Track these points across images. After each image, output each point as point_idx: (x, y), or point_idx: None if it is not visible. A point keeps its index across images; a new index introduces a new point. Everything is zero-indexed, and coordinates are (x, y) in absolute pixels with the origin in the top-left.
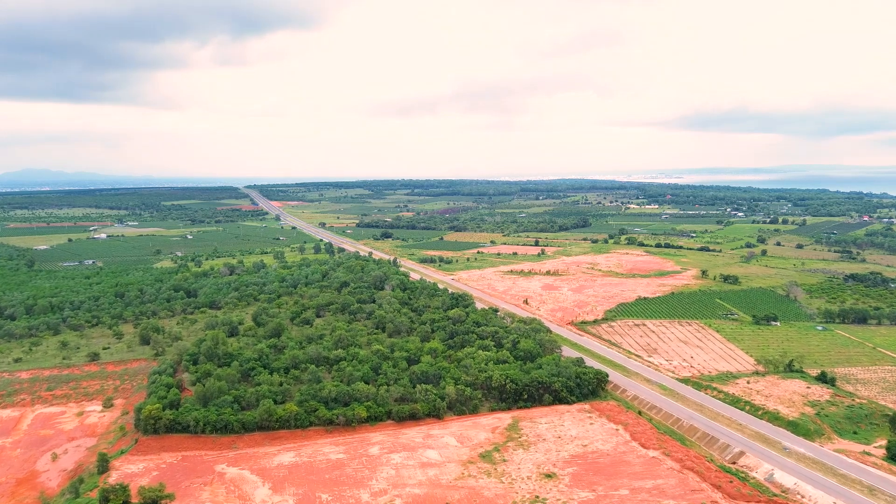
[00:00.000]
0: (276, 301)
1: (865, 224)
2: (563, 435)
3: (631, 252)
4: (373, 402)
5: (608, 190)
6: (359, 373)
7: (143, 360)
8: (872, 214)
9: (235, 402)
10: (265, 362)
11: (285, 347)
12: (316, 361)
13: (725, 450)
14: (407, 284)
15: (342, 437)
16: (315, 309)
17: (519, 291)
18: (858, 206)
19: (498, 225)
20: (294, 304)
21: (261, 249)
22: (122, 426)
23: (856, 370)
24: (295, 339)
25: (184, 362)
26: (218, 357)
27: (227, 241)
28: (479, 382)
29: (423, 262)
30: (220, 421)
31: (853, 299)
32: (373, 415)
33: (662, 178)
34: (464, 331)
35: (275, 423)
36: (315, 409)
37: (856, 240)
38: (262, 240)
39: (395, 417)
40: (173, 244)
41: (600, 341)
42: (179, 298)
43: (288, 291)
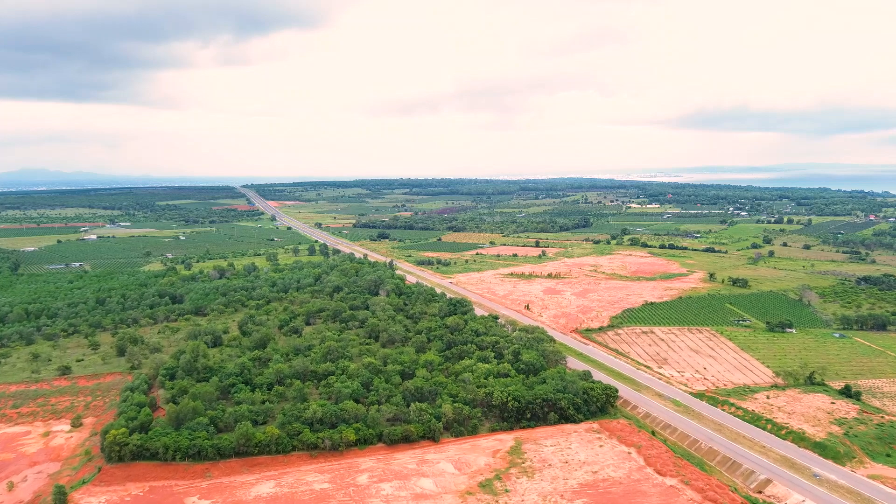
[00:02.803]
0: (265, 308)
1: (872, 223)
2: (571, 460)
3: (634, 253)
4: (362, 423)
5: (608, 189)
6: (348, 389)
7: (118, 373)
8: (878, 214)
9: (211, 423)
10: (247, 378)
11: (270, 360)
12: (302, 376)
13: (749, 476)
14: (403, 289)
15: (328, 462)
16: (305, 316)
17: (520, 296)
18: (862, 206)
19: (497, 225)
20: (283, 310)
21: (254, 251)
22: (88, 450)
23: (881, 382)
24: (281, 351)
25: (160, 377)
26: (197, 371)
27: (220, 243)
28: (478, 399)
29: (420, 264)
30: (193, 447)
31: (869, 304)
32: (362, 437)
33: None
34: (462, 340)
35: (253, 449)
36: (298, 433)
37: (864, 240)
38: (257, 241)
39: (386, 440)
40: (165, 245)
41: (607, 350)
42: (164, 305)
43: (278, 297)
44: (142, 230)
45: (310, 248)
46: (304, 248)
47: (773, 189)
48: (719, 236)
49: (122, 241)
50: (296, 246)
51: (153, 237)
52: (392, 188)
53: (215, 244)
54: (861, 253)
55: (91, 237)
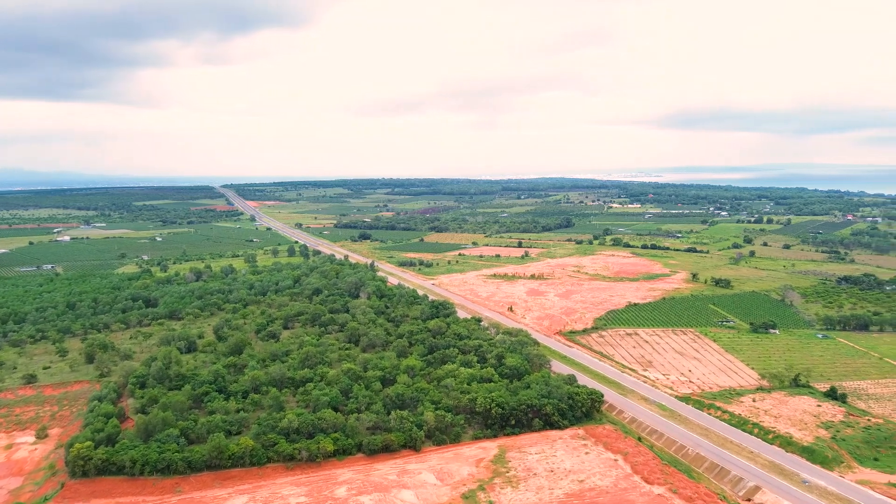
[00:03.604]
0: (242, 311)
1: (850, 223)
2: (556, 468)
3: (617, 254)
4: (341, 432)
5: (590, 189)
6: (326, 397)
7: (87, 381)
8: (856, 213)
9: (182, 435)
10: (221, 385)
11: (246, 366)
12: (279, 383)
13: (738, 483)
14: (384, 291)
15: (305, 474)
16: (283, 320)
17: (503, 297)
18: (840, 205)
19: (480, 225)
20: (261, 314)
21: (232, 252)
22: (52, 463)
23: (865, 384)
24: (258, 357)
25: (130, 385)
26: (169, 379)
27: (198, 244)
28: (461, 406)
29: (402, 265)
30: (163, 460)
31: (850, 304)
32: (341, 447)
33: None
34: (444, 344)
35: (227, 461)
36: (274, 443)
37: (842, 240)
38: (235, 242)
39: (366, 450)
40: (140, 247)
41: (591, 353)
42: (137, 309)
43: (256, 300)
44: (117, 231)
45: (289, 249)
46: (283, 250)
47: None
48: (700, 236)
49: (97, 242)
50: (275, 247)
51: (129, 238)
52: (374, 188)
53: (193, 245)
54: (840, 252)
55: (64, 238)
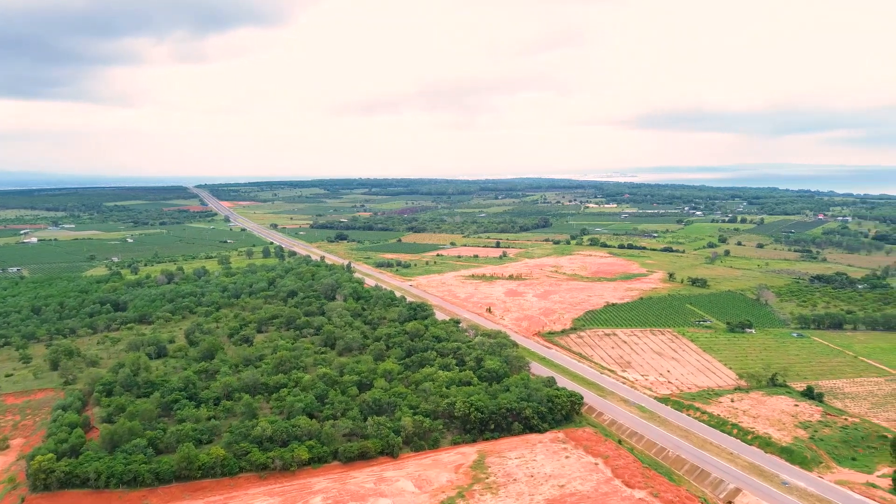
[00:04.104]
0: (215, 315)
1: (821, 223)
2: (537, 473)
3: (594, 254)
4: (316, 439)
5: (566, 189)
6: (301, 403)
7: (51, 389)
8: (826, 213)
9: (150, 445)
10: (192, 392)
11: (218, 372)
12: (252, 389)
13: (719, 486)
14: (361, 293)
15: (279, 483)
16: (257, 323)
17: (481, 298)
18: (810, 205)
19: (458, 225)
20: (234, 317)
21: (206, 254)
22: (13, 476)
23: (841, 383)
24: (230, 362)
25: (95, 393)
26: (137, 386)
27: (170, 245)
28: (439, 411)
29: (379, 266)
30: (129, 472)
31: (823, 302)
32: (316, 455)
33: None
34: (422, 347)
35: (196, 472)
36: (246, 452)
37: (814, 239)
38: (209, 243)
39: (342, 457)
40: (111, 249)
41: (570, 354)
42: (105, 313)
43: (229, 303)
44: (87, 232)
45: (264, 250)
46: (258, 251)
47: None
48: (676, 236)
49: (65, 244)
50: (250, 248)
51: (99, 240)
52: (351, 188)
53: (165, 247)
54: (812, 251)
55: (31, 240)
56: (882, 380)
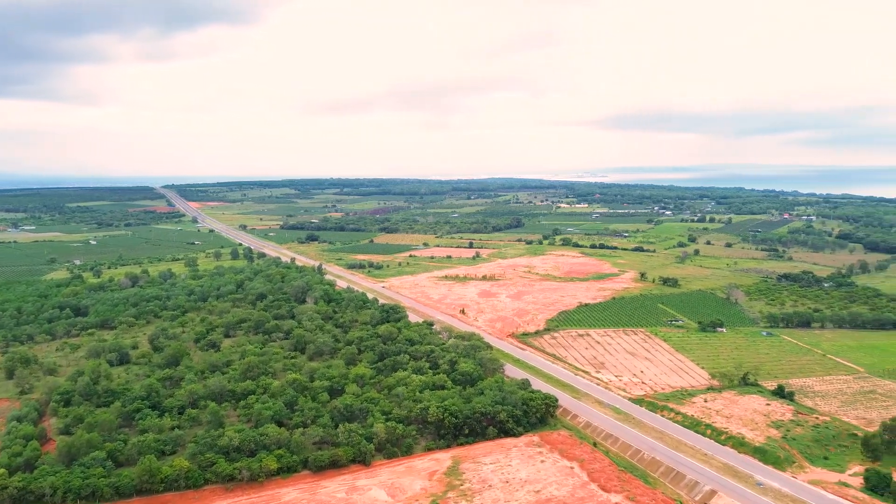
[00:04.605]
0: (181, 319)
1: (786, 222)
2: (512, 478)
3: (567, 254)
4: (285, 448)
5: (538, 189)
6: (269, 411)
7: (6, 399)
8: (791, 212)
9: (110, 458)
10: (155, 401)
11: (183, 379)
12: (219, 397)
13: (694, 488)
14: (332, 295)
15: (246, 495)
16: (225, 328)
17: (455, 299)
18: (776, 204)
19: (430, 226)
20: (201, 322)
21: (172, 256)
22: None
23: (811, 381)
24: (196, 368)
25: (53, 403)
26: (97, 395)
27: (135, 247)
28: (413, 416)
29: (351, 267)
30: (87, 486)
31: (791, 301)
32: (285, 465)
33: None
34: (395, 351)
35: (159, 485)
36: (212, 463)
37: (780, 238)
38: (176, 245)
39: (312, 466)
40: (73, 251)
41: (544, 356)
42: (65, 318)
43: (196, 306)
44: (48, 234)
45: (233, 251)
46: (226, 252)
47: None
48: (647, 235)
49: (25, 246)
50: (218, 250)
51: (60, 242)
52: (322, 188)
53: (129, 249)
54: (779, 250)
55: None
56: (850, 378)
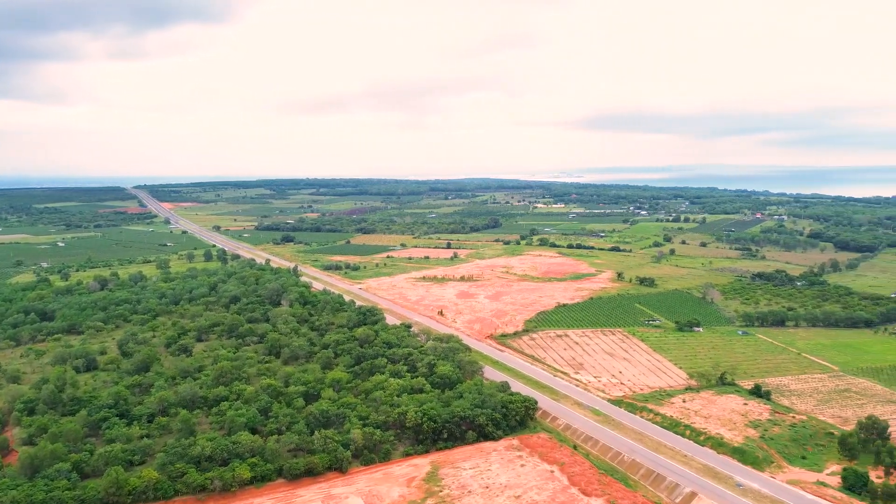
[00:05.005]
0: (151, 323)
1: (759, 221)
2: (492, 483)
3: (544, 254)
4: (259, 457)
5: (515, 189)
6: (243, 418)
7: None
8: (764, 212)
9: (75, 469)
10: (123, 409)
11: (152, 386)
12: (190, 404)
13: (675, 490)
14: (308, 298)
15: None
16: (197, 332)
17: (433, 301)
18: (748, 204)
19: (408, 226)
20: (172, 326)
21: (143, 258)
22: None
23: (787, 380)
24: (167, 374)
25: (16, 412)
26: (63, 404)
27: (105, 249)
28: (391, 421)
29: (327, 269)
30: (51, 499)
31: (766, 300)
32: (259, 474)
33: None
34: (373, 354)
35: (126, 498)
36: (182, 474)
37: (753, 237)
38: (147, 246)
39: (287, 475)
40: (40, 254)
41: (523, 357)
42: (30, 323)
43: (167, 310)
44: (14, 236)
45: (206, 253)
46: (199, 254)
47: (669, 189)
48: (623, 235)
49: None
50: (191, 251)
51: (27, 244)
52: (298, 188)
53: (100, 251)
54: (752, 250)
55: None
56: (825, 376)
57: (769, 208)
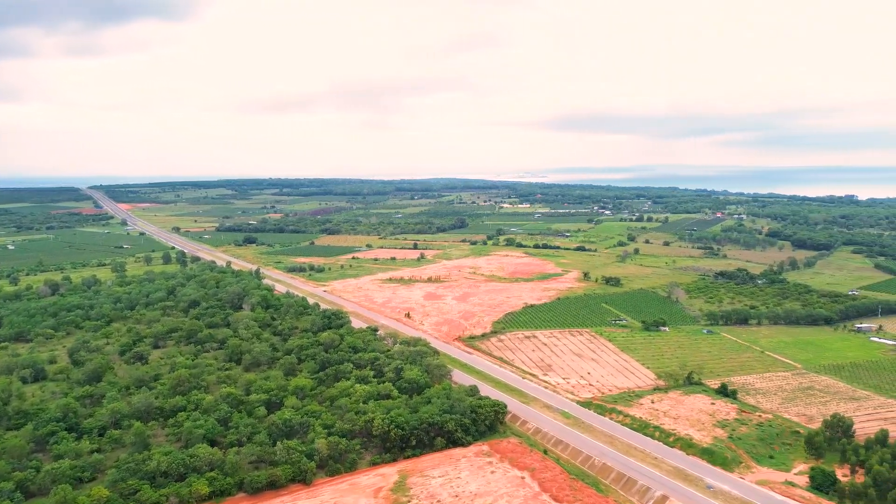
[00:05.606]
0: (105, 330)
1: (719, 220)
2: (462, 492)
3: (511, 254)
4: (218, 470)
5: (481, 189)
6: (201, 429)
7: None
8: (724, 211)
9: (19, 488)
10: (73, 422)
11: (104, 397)
12: (145, 415)
13: (646, 494)
14: (270, 301)
15: None
16: (154, 338)
17: (400, 303)
18: (709, 203)
19: (374, 227)
20: (128, 332)
21: (98, 261)
22: None
23: (752, 378)
24: (120, 384)
25: None
26: (7, 417)
27: (57, 252)
28: (357, 429)
29: (291, 271)
30: None
31: (729, 298)
32: (218, 489)
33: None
34: (338, 359)
35: None
36: (135, 491)
37: (715, 236)
38: (102, 249)
39: (248, 488)
40: None
41: (492, 359)
42: None
43: (122, 315)
44: None
45: (165, 255)
46: (158, 257)
47: (631, 188)
48: (588, 235)
49: None
50: (148, 254)
51: None
52: (261, 188)
53: (52, 254)
54: (714, 248)
55: None
56: (789, 374)
57: (729, 207)
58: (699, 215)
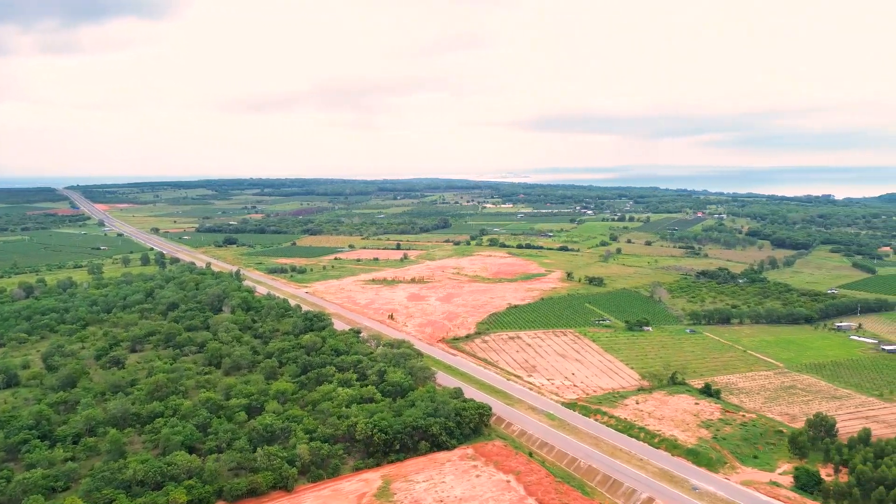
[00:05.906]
0: (80, 334)
1: (700, 220)
2: (446, 497)
3: (494, 254)
4: (197, 478)
5: (464, 189)
6: (179, 436)
7: None
8: (704, 210)
9: None
10: (45, 430)
11: (79, 403)
12: (121, 422)
13: (632, 496)
14: (251, 303)
15: None
16: (131, 342)
17: (383, 304)
18: (689, 203)
19: (356, 227)
20: (104, 336)
21: (74, 263)
22: None
23: (735, 378)
24: (95, 390)
25: None
26: None
27: (32, 254)
28: (339, 434)
29: (272, 272)
30: None
31: (711, 297)
32: (196, 497)
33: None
34: (320, 363)
35: None
36: (110, 501)
37: (696, 236)
38: (79, 250)
39: (227, 496)
40: None
41: (476, 360)
42: None
43: (99, 318)
44: None
45: (143, 257)
46: (136, 258)
47: (613, 188)
48: (571, 235)
49: None
50: (126, 255)
51: None
52: (242, 188)
53: (27, 255)
54: (695, 248)
55: None
56: (771, 373)
57: (709, 207)
58: (680, 215)
